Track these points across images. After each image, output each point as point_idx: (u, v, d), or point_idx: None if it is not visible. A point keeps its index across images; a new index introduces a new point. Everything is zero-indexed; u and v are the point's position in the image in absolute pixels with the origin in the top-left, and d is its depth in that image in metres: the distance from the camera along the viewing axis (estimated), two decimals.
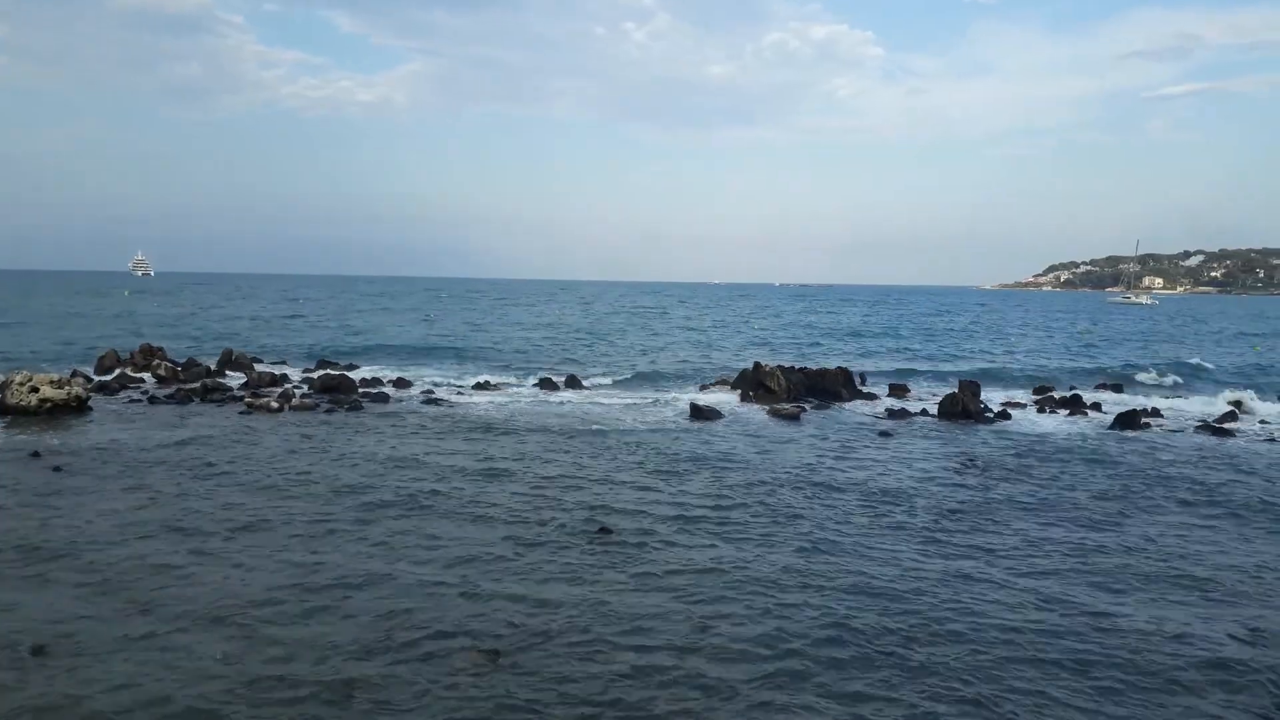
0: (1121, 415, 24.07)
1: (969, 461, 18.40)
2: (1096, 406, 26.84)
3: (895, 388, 30.29)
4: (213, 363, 31.76)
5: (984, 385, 29.28)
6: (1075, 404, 27.05)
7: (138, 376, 28.44)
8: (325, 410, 23.17)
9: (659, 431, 21.34)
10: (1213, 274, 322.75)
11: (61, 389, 21.68)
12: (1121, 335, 67.76)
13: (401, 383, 28.99)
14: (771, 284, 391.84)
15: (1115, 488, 16.22)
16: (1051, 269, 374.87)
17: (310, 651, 8.44)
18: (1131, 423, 23.45)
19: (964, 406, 24.81)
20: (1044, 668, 8.46)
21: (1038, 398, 28.88)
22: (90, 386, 24.51)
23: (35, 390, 21.17)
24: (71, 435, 18.97)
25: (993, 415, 24.98)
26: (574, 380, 30.37)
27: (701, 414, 23.66)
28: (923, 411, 25.54)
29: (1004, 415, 25.12)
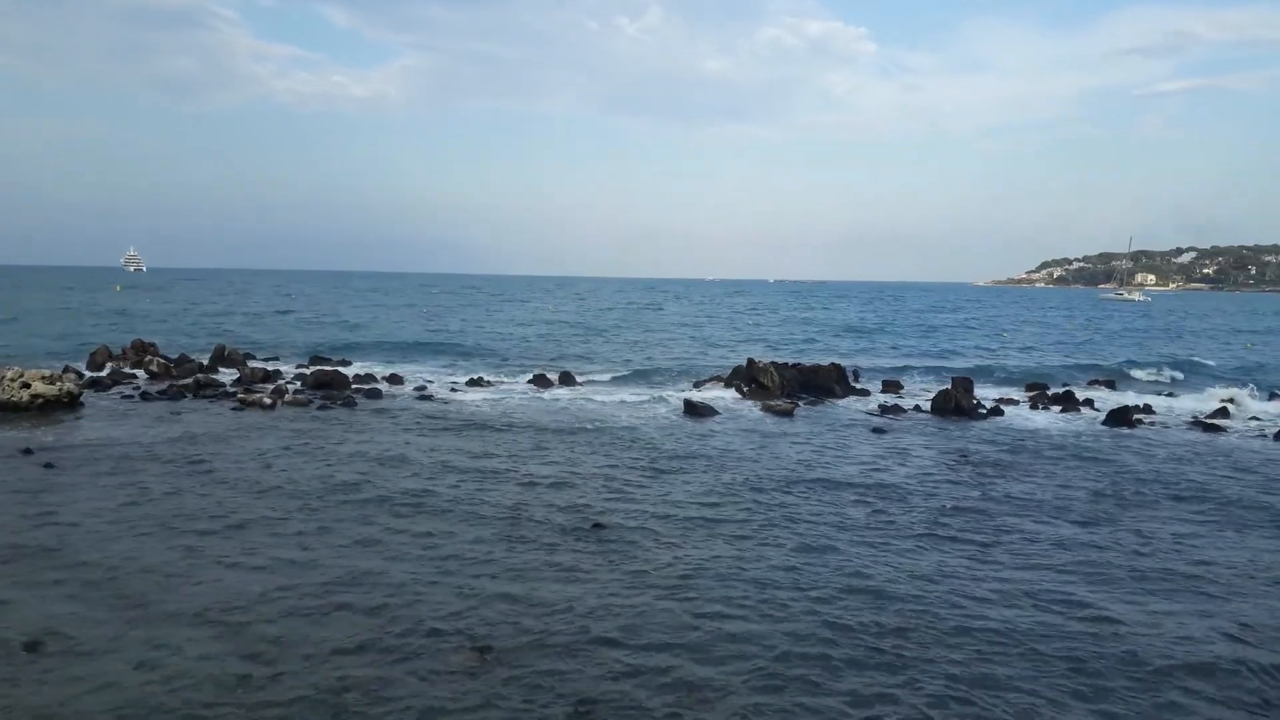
0: (1114, 411, 24.17)
1: (962, 458, 18.46)
2: (1089, 403, 26.93)
3: (889, 384, 30.35)
4: (205, 359, 31.67)
5: (978, 382, 29.33)
6: (1068, 400, 27.13)
7: (130, 372, 28.32)
8: (318, 407, 23.11)
9: (653, 428, 21.33)
10: (1205, 271, 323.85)
11: (53, 385, 21.58)
12: (1116, 332, 67.98)
13: (395, 379, 28.91)
14: (766, 280, 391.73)
15: (1107, 484, 16.27)
16: (1045, 265, 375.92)
17: (303, 650, 8.41)
18: (1124, 419, 23.54)
19: (957, 403, 24.87)
20: (1037, 665, 8.48)
21: (1031, 394, 28.98)
22: (82, 382, 24.39)
23: (27, 386, 21.06)
24: (63, 431, 18.89)
25: (986, 411, 25.04)
26: (568, 377, 30.34)
27: (696, 410, 23.67)
28: (916, 408, 25.59)
29: (997, 412, 25.19)
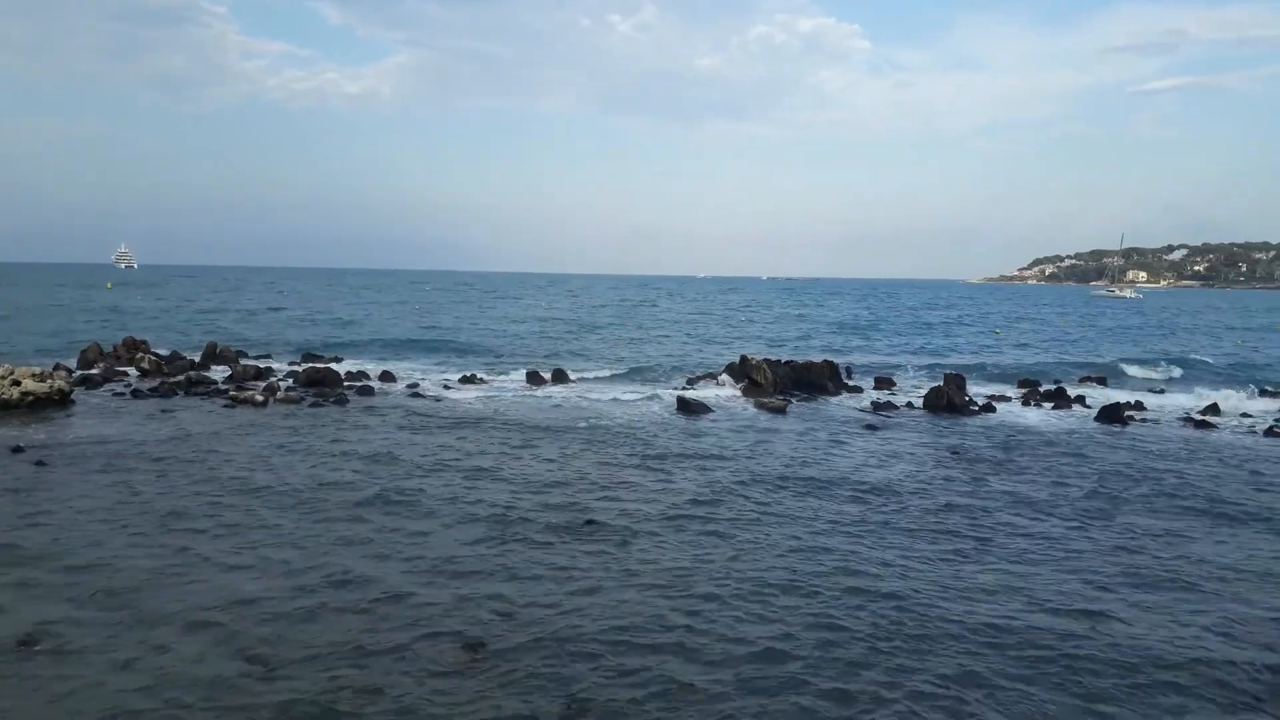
0: (1106, 408, 24.26)
1: (954, 455, 18.50)
2: (1081, 400, 27.01)
3: (881, 380, 30.37)
4: (197, 356, 31.52)
5: (970, 378, 29.42)
6: (1060, 397, 27.22)
7: (121, 370, 28.22)
8: (310, 404, 23.04)
9: (646, 425, 21.33)
10: (1196, 268, 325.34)
11: (44, 382, 21.47)
12: (1109, 329, 68.22)
13: (387, 376, 28.84)
14: (759, 278, 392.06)
15: (1099, 481, 16.32)
16: (1037, 263, 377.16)
17: (295, 649, 8.39)
18: (1116, 416, 23.62)
19: (949, 399, 24.92)
20: (1029, 664, 8.50)
21: (1023, 391, 29.07)
22: (73, 380, 24.26)
23: (17, 383, 20.95)
24: (54, 429, 18.79)
25: (978, 408, 25.11)
26: (561, 374, 30.30)
27: (689, 408, 23.68)
28: (908, 404, 25.65)
29: (989, 408, 25.26)
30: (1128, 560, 11.70)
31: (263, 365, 30.32)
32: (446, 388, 27.36)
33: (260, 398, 22.94)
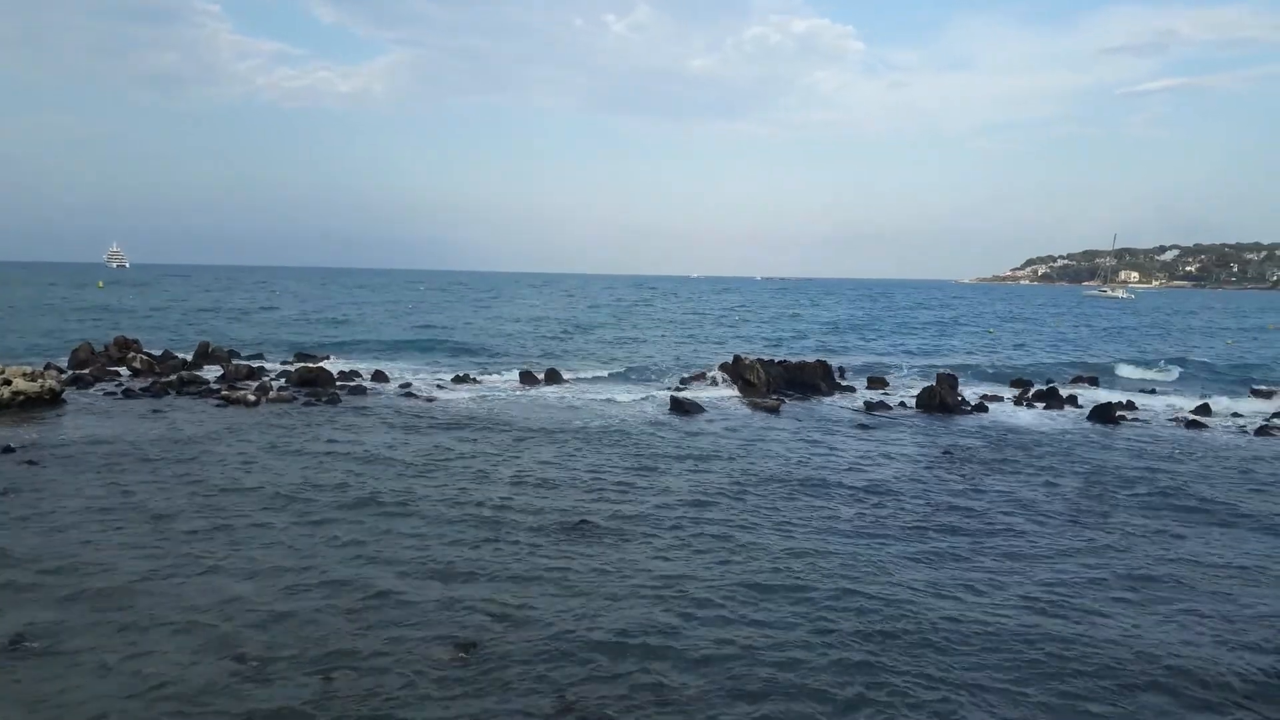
0: (1098, 408, 24.35)
1: (946, 455, 18.54)
2: (1073, 400, 27.10)
3: (874, 380, 30.44)
4: (189, 355, 31.43)
5: (963, 378, 29.49)
6: (1052, 397, 27.31)
7: (113, 369, 28.08)
8: (303, 404, 22.99)
9: (640, 425, 21.32)
10: (1188, 268, 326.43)
11: (35, 382, 21.38)
12: (1104, 329, 68.44)
13: (379, 376, 28.78)
14: (753, 278, 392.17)
15: (1090, 481, 16.38)
16: (1030, 263, 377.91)
17: (288, 650, 8.37)
18: (1108, 416, 23.71)
19: (942, 399, 24.99)
20: (1021, 666, 8.52)
21: (1015, 391, 29.15)
22: (64, 379, 24.17)
23: (8, 383, 20.85)
24: (45, 429, 18.70)
25: (970, 408, 25.17)
26: (554, 374, 30.26)
27: (682, 407, 23.68)
28: (901, 404, 25.71)
29: (981, 408, 25.33)
30: (1118, 560, 11.75)
31: (255, 365, 30.23)
32: (439, 388, 27.31)
33: (252, 397, 22.87)
